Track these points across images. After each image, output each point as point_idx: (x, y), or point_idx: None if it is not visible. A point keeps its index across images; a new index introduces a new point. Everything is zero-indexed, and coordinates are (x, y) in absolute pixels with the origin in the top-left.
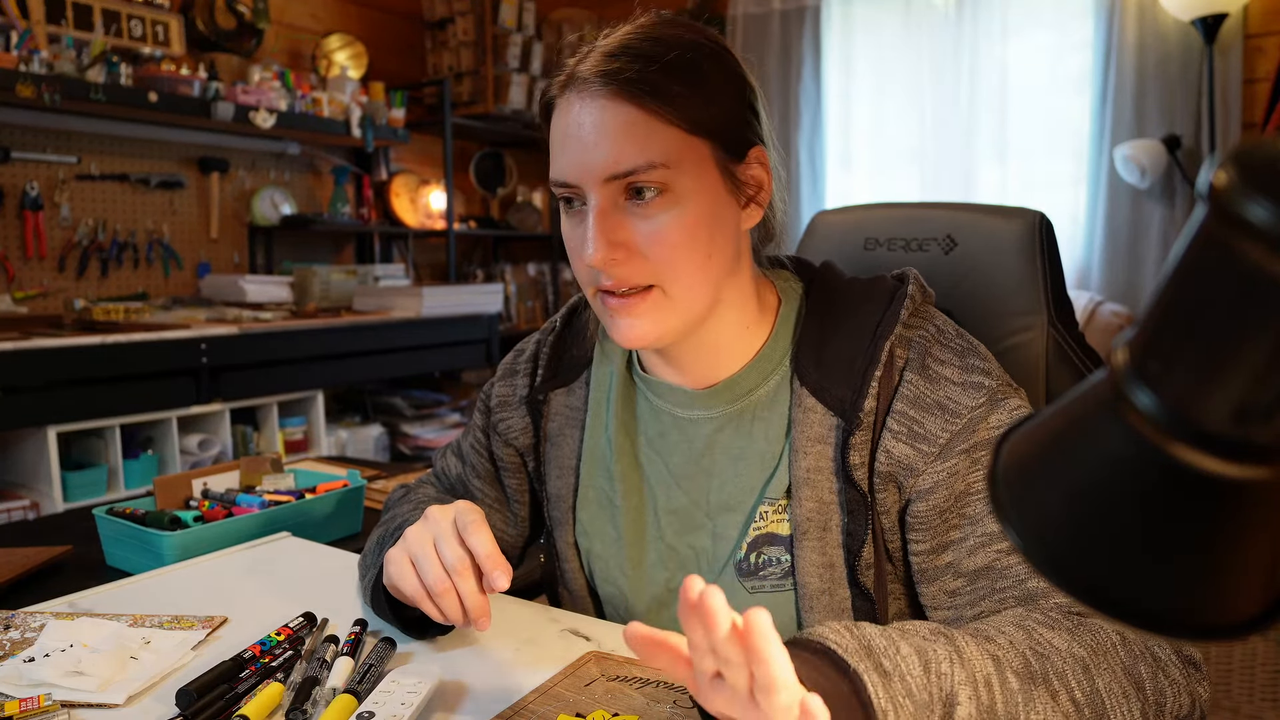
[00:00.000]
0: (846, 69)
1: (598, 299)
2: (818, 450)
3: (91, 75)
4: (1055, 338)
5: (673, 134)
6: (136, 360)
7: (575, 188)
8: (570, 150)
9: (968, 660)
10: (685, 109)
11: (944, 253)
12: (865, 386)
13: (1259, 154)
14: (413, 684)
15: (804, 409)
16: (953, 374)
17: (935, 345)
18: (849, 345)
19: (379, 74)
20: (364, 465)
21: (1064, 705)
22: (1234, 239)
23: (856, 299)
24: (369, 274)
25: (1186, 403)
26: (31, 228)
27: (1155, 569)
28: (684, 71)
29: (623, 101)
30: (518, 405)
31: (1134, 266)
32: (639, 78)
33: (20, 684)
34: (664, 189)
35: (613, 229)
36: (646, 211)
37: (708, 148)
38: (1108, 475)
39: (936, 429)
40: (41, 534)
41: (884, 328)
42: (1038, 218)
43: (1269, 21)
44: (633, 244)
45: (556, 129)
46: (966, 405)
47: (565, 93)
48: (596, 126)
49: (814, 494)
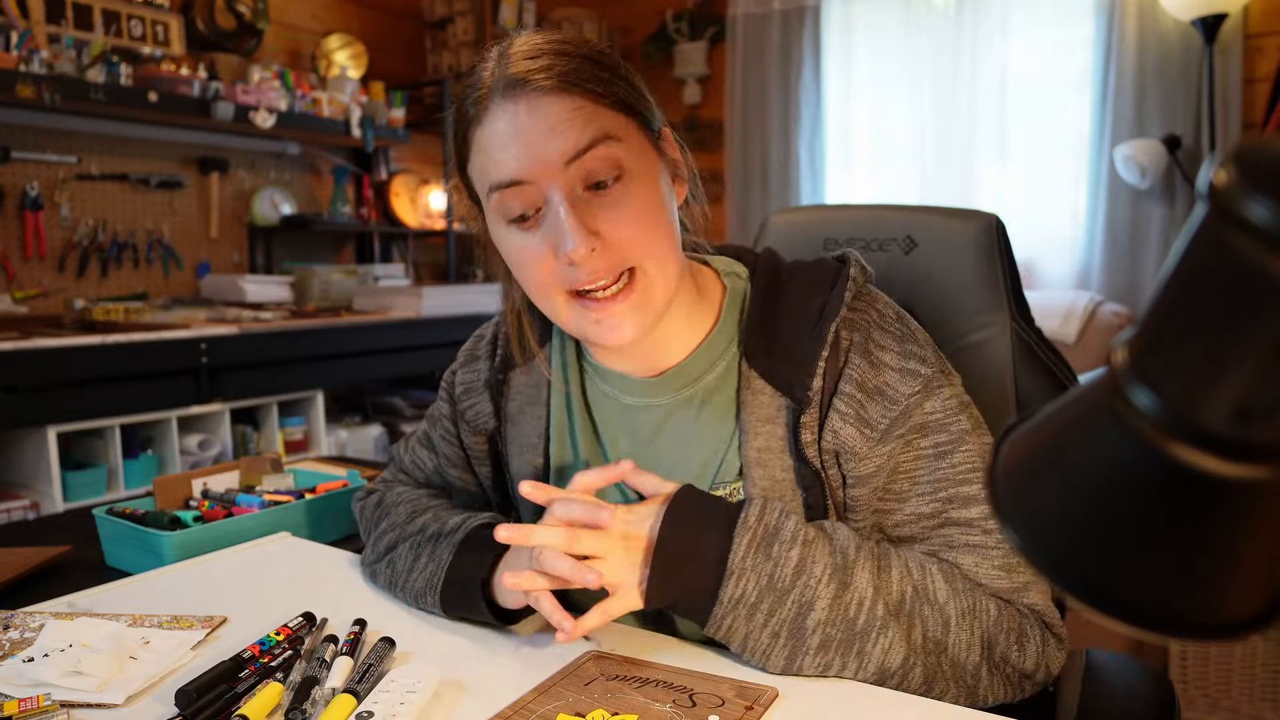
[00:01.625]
0: (846, 69)
1: (572, 305)
2: (767, 430)
3: (91, 75)
4: (1018, 332)
5: (610, 113)
6: (136, 360)
7: (529, 184)
8: (517, 148)
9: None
10: (612, 92)
11: (904, 253)
12: (812, 366)
13: (1259, 153)
14: (412, 684)
15: (753, 391)
16: (891, 360)
17: (876, 330)
18: (795, 328)
19: (379, 74)
20: (364, 465)
21: (913, 640)
22: (1234, 238)
23: (801, 282)
24: (369, 274)
25: (1187, 402)
26: (31, 228)
27: (1155, 569)
28: (598, 61)
29: (561, 92)
30: (481, 390)
31: (1134, 266)
32: (569, 69)
33: (20, 684)
34: (620, 173)
35: (584, 215)
36: (609, 198)
37: (637, 126)
38: (1107, 475)
39: (877, 414)
40: (41, 534)
41: (829, 309)
42: (992, 220)
43: (1269, 21)
44: (604, 232)
45: (490, 135)
46: (903, 392)
47: (491, 101)
48: (542, 119)
49: (766, 473)
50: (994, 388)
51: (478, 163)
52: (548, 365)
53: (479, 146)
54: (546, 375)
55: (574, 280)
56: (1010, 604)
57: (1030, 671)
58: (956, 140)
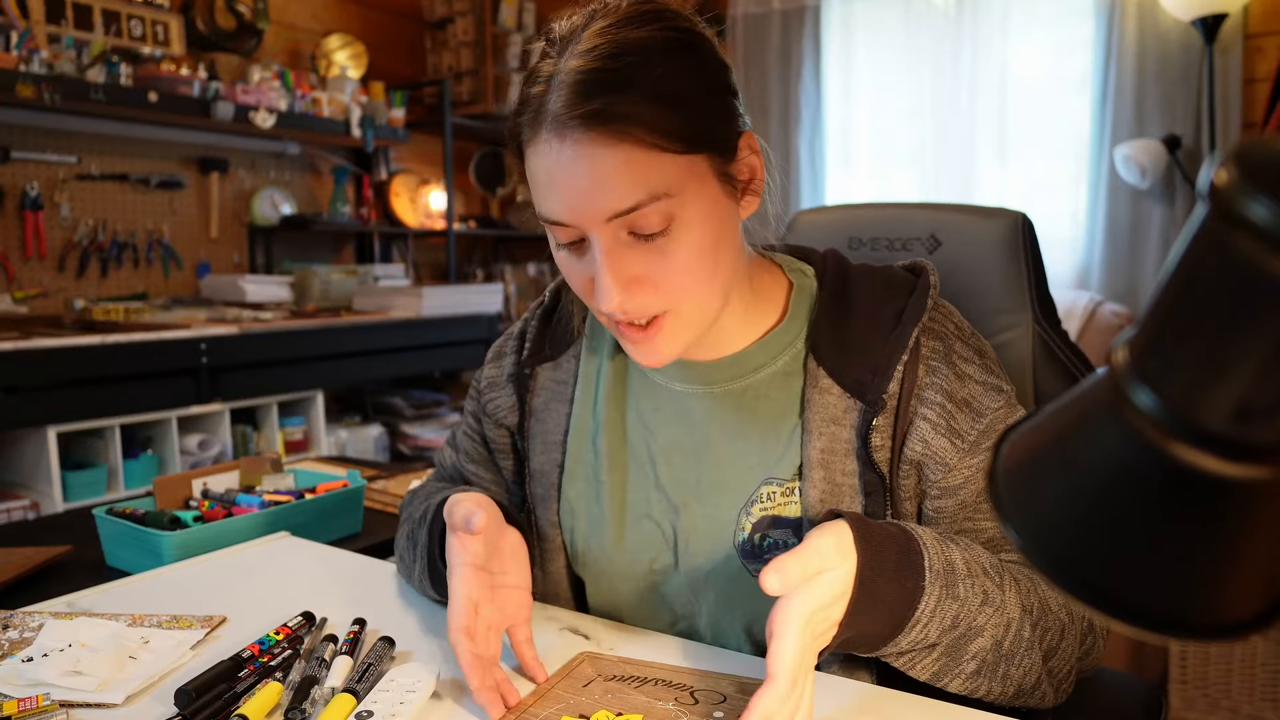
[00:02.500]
0: (846, 69)
1: (610, 324)
2: (832, 432)
3: (91, 75)
4: (1041, 335)
5: (667, 160)
6: (136, 360)
7: (573, 228)
8: (561, 194)
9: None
10: (675, 130)
11: (928, 252)
12: (890, 370)
13: (1259, 153)
14: (411, 683)
15: (820, 390)
16: (975, 373)
17: (957, 342)
18: (871, 330)
19: (379, 74)
20: (364, 465)
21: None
22: (1235, 238)
23: (875, 285)
24: (369, 274)
25: (1187, 402)
26: (31, 228)
27: (1155, 569)
28: (664, 88)
29: (610, 140)
30: (505, 384)
31: (1134, 266)
32: (621, 111)
33: (19, 684)
34: (670, 224)
35: (623, 266)
36: (654, 245)
37: (704, 161)
38: (1108, 475)
39: (966, 426)
40: (41, 534)
41: (910, 315)
42: (1019, 218)
43: (1269, 21)
44: (644, 277)
45: (538, 169)
46: (989, 406)
47: (539, 131)
48: (587, 170)
49: (827, 475)
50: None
51: (529, 177)
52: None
53: (529, 166)
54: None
55: (610, 312)
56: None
57: (1080, 677)
58: (956, 140)
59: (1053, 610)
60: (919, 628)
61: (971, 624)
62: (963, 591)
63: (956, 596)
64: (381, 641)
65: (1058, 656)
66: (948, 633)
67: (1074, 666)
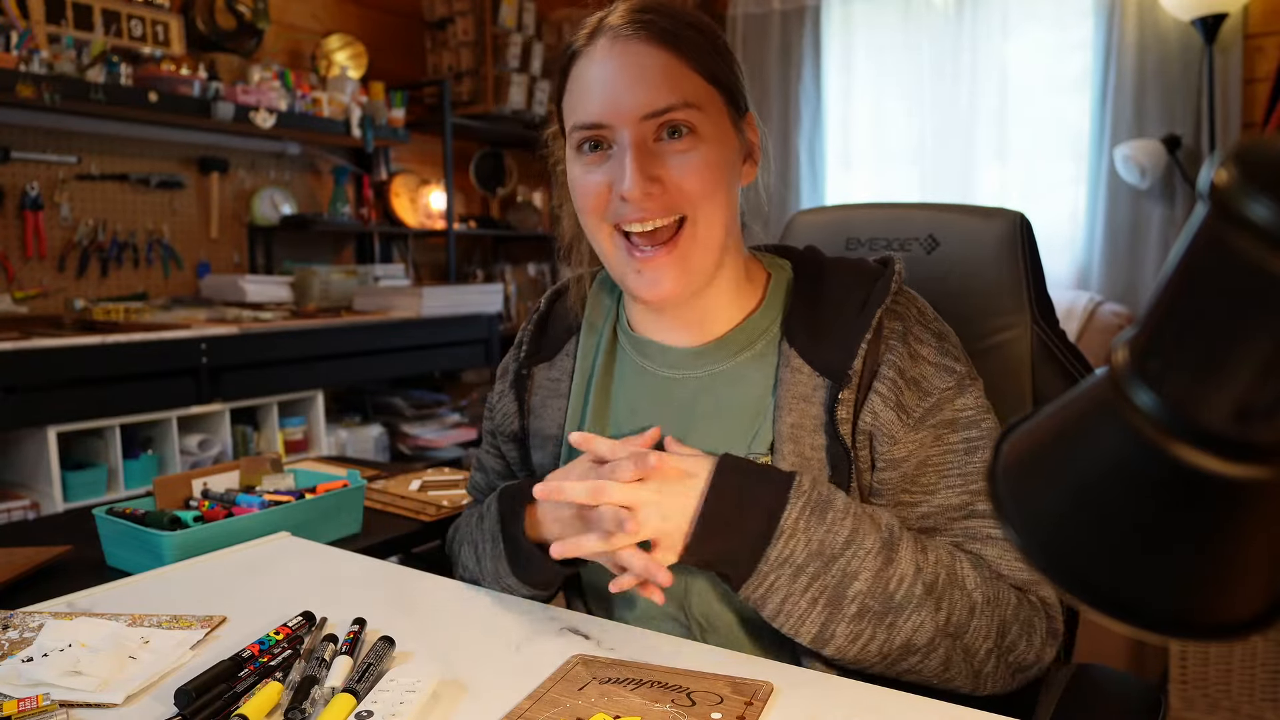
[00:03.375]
0: (846, 69)
1: (617, 245)
2: (801, 408)
3: (91, 75)
4: (1040, 335)
5: (698, 80)
6: (136, 360)
7: (606, 128)
8: (605, 92)
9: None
10: (706, 61)
11: (926, 252)
12: (855, 347)
13: (1259, 152)
14: (411, 683)
15: (791, 369)
16: (929, 354)
17: (917, 325)
18: (838, 312)
19: (379, 74)
20: (364, 465)
21: (939, 620)
22: (1235, 237)
23: (844, 275)
24: (369, 274)
25: (1187, 402)
26: (31, 228)
27: (1155, 569)
28: (701, 30)
29: (656, 46)
30: (508, 393)
31: (1134, 266)
32: (670, 28)
33: (19, 684)
34: (692, 129)
35: (648, 164)
36: (676, 148)
37: (721, 99)
38: (1108, 474)
39: (912, 402)
40: (41, 534)
41: (874, 298)
42: (1018, 218)
43: (1269, 21)
44: (665, 178)
45: (584, 75)
46: (937, 386)
47: (594, 41)
48: (634, 69)
49: (795, 449)
50: (1011, 392)
51: (570, 99)
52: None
53: (574, 81)
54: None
55: (623, 216)
56: (1025, 595)
57: (1029, 664)
58: (956, 140)
59: (966, 588)
60: (783, 539)
61: (846, 565)
62: (831, 518)
63: (824, 521)
64: (382, 641)
65: (968, 635)
66: (814, 558)
67: (997, 656)
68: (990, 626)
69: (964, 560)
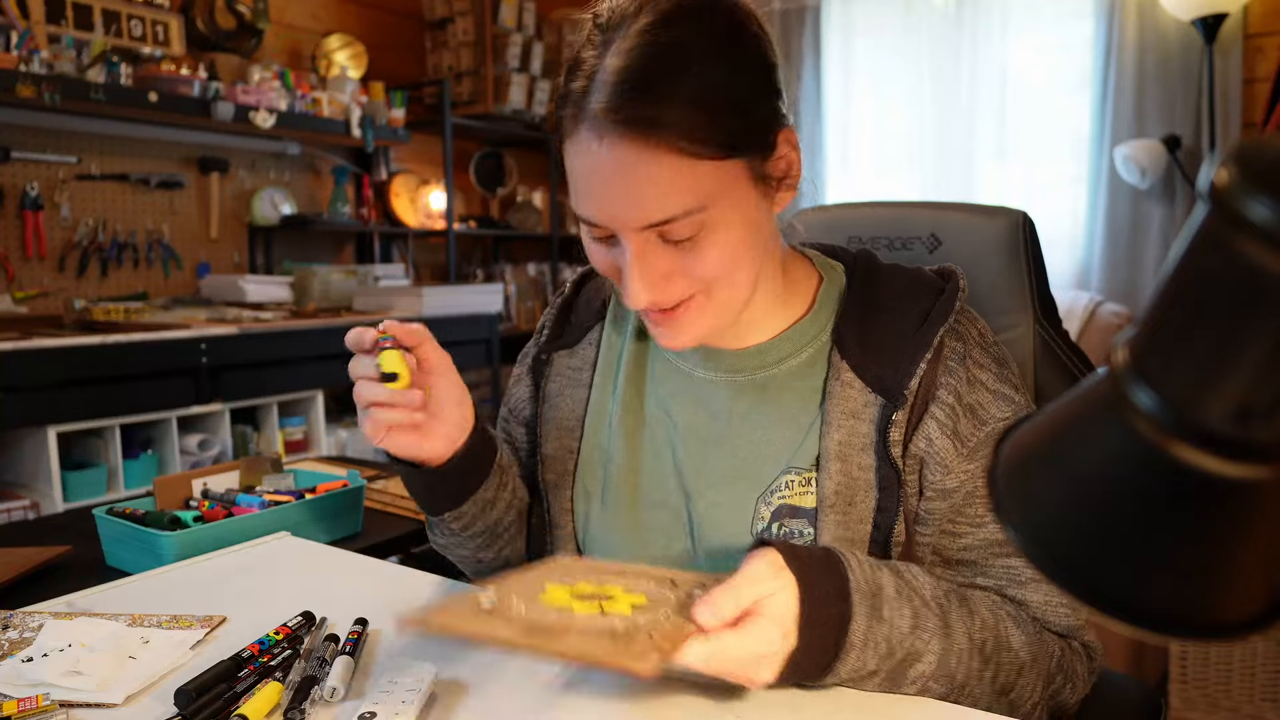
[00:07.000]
0: (846, 69)
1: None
2: (850, 425)
3: (91, 75)
4: (1042, 335)
5: (704, 169)
6: (136, 360)
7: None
8: (596, 196)
9: (953, 631)
10: (713, 136)
11: (928, 251)
12: (913, 367)
13: (1260, 153)
14: (411, 683)
15: (842, 383)
16: (988, 380)
17: (977, 348)
18: (896, 327)
19: (379, 74)
20: (364, 465)
21: (996, 686)
22: (1235, 237)
23: (903, 285)
24: (369, 274)
25: (1187, 402)
26: (31, 228)
27: (1156, 569)
28: (706, 93)
29: (647, 148)
30: (524, 375)
31: (1134, 266)
32: (660, 118)
33: (18, 684)
34: (703, 229)
35: (653, 266)
36: (684, 248)
37: (741, 165)
38: (1108, 475)
39: (968, 430)
40: (41, 534)
41: (936, 315)
42: (1020, 217)
43: (1269, 21)
44: (673, 273)
45: (576, 166)
46: (994, 414)
47: (579, 128)
48: (624, 179)
49: (843, 468)
50: None
51: (568, 170)
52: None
53: (568, 159)
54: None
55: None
56: (1069, 642)
57: (1070, 705)
58: (956, 140)
59: (1012, 648)
60: (855, 653)
61: (911, 646)
62: (887, 613)
63: (881, 619)
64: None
65: (1015, 692)
66: (885, 660)
67: (1042, 706)
68: (1036, 682)
69: (1007, 618)
